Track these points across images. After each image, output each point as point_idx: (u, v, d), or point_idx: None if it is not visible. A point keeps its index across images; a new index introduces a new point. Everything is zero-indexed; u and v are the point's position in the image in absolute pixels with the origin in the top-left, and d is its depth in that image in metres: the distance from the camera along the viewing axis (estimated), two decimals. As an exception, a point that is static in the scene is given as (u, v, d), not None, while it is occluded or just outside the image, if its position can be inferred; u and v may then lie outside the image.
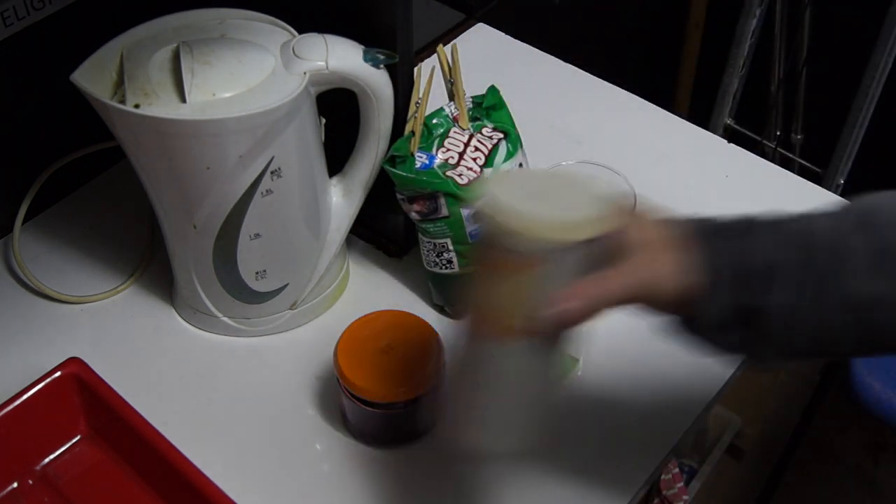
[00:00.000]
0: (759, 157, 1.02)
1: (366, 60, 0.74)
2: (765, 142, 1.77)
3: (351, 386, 0.73)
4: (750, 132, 1.81)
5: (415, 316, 0.77)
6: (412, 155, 0.79)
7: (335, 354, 0.74)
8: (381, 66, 0.75)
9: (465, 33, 1.17)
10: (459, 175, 0.79)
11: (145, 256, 0.91)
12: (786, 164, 1.74)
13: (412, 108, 0.81)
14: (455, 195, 0.78)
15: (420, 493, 0.75)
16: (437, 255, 0.82)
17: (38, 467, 0.76)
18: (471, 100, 0.84)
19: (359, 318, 0.76)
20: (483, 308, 0.56)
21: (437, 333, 0.75)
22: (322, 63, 0.72)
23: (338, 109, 0.78)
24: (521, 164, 0.84)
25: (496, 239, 0.54)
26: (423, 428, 0.78)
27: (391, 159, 0.80)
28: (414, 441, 0.78)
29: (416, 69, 0.81)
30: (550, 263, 0.54)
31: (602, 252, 0.56)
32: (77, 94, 0.70)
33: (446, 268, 0.82)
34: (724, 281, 0.55)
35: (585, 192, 0.56)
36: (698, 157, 1.02)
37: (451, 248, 0.81)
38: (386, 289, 0.89)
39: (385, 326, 0.76)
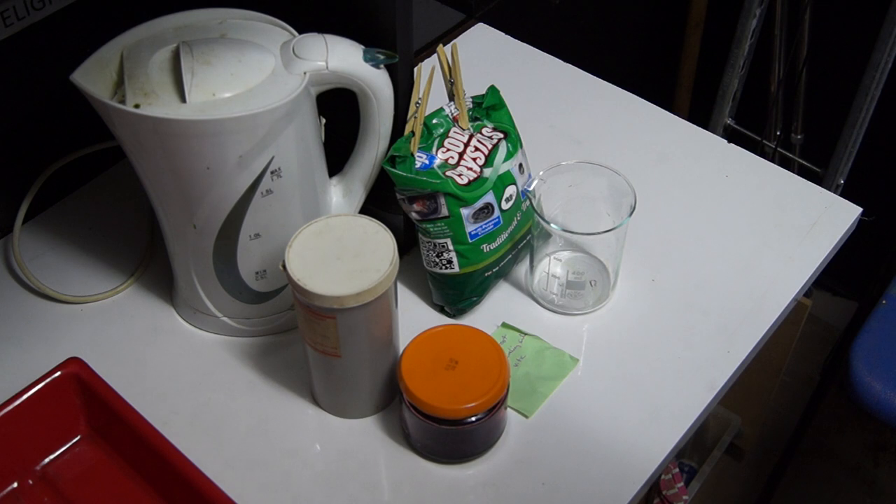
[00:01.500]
0: (759, 157, 1.02)
1: (366, 60, 0.74)
2: (765, 142, 1.77)
3: (418, 403, 0.72)
4: (750, 132, 1.81)
5: (477, 330, 0.77)
6: (412, 155, 0.79)
7: (399, 370, 0.73)
8: (381, 66, 0.75)
9: (465, 33, 1.17)
10: (459, 175, 0.79)
11: (145, 256, 0.91)
12: (786, 164, 1.74)
13: (412, 108, 0.81)
14: (455, 195, 0.78)
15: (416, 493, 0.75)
16: (437, 255, 0.82)
17: (38, 467, 0.76)
18: (471, 100, 0.84)
19: (420, 334, 0.76)
20: (307, 336, 0.73)
21: (500, 347, 0.75)
22: (322, 63, 0.72)
23: (338, 109, 0.78)
24: (521, 165, 0.84)
25: (299, 293, 0.69)
26: (488, 443, 0.77)
27: (391, 159, 0.80)
28: (477, 455, 0.77)
29: (416, 69, 0.81)
30: (341, 318, 0.70)
31: None
32: (77, 94, 0.70)
33: (446, 268, 0.83)
34: None
35: (379, 244, 0.71)
36: (698, 157, 1.02)
37: (451, 248, 0.81)
38: (386, 289, 0.89)
39: (448, 341, 0.76)
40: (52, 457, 0.77)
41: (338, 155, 0.83)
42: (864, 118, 1.60)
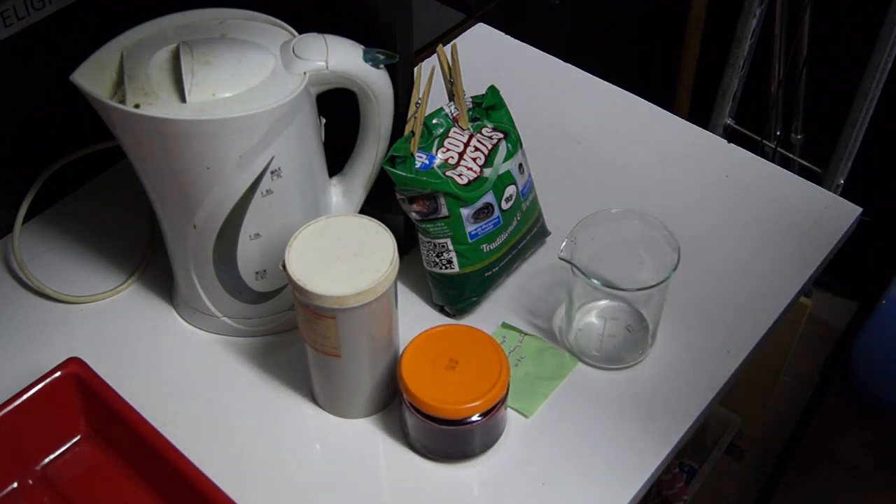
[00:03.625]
0: (759, 157, 1.02)
1: (366, 60, 0.74)
2: (765, 142, 1.77)
3: (418, 403, 0.72)
4: (750, 132, 1.81)
5: (477, 330, 0.76)
6: (412, 155, 0.79)
7: (399, 370, 0.73)
8: (381, 66, 0.75)
9: (465, 33, 1.17)
10: (459, 175, 0.79)
11: (145, 256, 0.91)
12: (786, 164, 1.74)
13: (412, 108, 0.81)
14: (455, 195, 0.78)
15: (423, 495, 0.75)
16: (437, 255, 0.82)
17: (38, 467, 0.76)
18: (471, 100, 0.84)
19: (420, 334, 0.75)
20: (307, 336, 0.73)
21: (500, 346, 0.75)
22: (322, 63, 0.72)
23: (338, 109, 0.78)
24: (520, 165, 0.84)
25: (299, 293, 0.69)
26: (488, 443, 0.77)
27: (391, 159, 0.80)
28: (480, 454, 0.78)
29: (416, 69, 0.81)
30: (341, 318, 0.70)
31: None
32: (77, 94, 0.70)
33: (446, 268, 0.83)
34: None
35: (379, 244, 0.71)
36: (698, 157, 1.02)
37: (451, 248, 0.81)
38: (386, 289, 0.89)
39: (448, 341, 0.75)
40: (52, 457, 0.76)
41: (338, 155, 0.83)
42: (864, 118, 1.60)
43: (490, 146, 0.82)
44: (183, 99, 0.69)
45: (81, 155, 0.90)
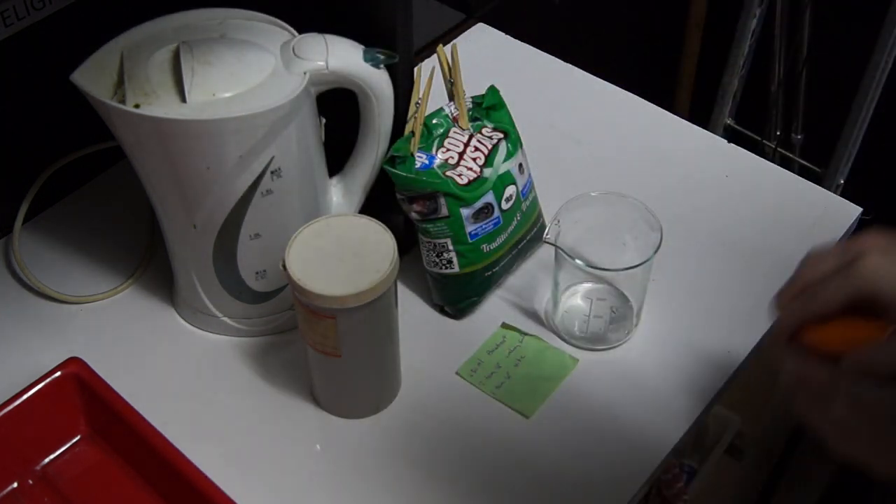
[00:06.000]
0: (759, 157, 1.02)
1: (366, 60, 0.74)
2: (765, 142, 1.77)
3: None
4: (750, 132, 1.81)
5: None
6: (412, 155, 0.79)
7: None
8: (381, 65, 0.75)
9: (465, 33, 1.17)
10: (459, 175, 0.79)
11: (145, 256, 0.91)
12: (786, 164, 1.74)
13: (412, 108, 0.81)
14: (455, 195, 0.78)
15: (431, 490, 0.75)
16: (437, 255, 0.82)
17: (38, 467, 0.76)
18: (471, 100, 0.84)
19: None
20: (307, 336, 0.73)
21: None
22: (322, 63, 0.72)
23: (338, 109, 0.78)
24: (521, 165, 0.84)
25: (299, 293, 0.69)
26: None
27: (391, 159, 0.80)
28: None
29: (416, 69, 0.81)
30: (341, 318, 0.70)
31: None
32: (77, 94, 0.70)
33: (446, 268, 0.83)
34: None
35: (379, 244, 0.71)
36: (698, 157, 1.02)
37: (451, 248, 0.81)
38: (386, 289, 0.89)
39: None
40: (52, 457, 0.76)
41: (338, 155, 0.83)
42: (864, 118, 1.60)
43: (490, 146, 0.82)
44: (183, 99, 0.69)
45: (81, 155, 0.90)
